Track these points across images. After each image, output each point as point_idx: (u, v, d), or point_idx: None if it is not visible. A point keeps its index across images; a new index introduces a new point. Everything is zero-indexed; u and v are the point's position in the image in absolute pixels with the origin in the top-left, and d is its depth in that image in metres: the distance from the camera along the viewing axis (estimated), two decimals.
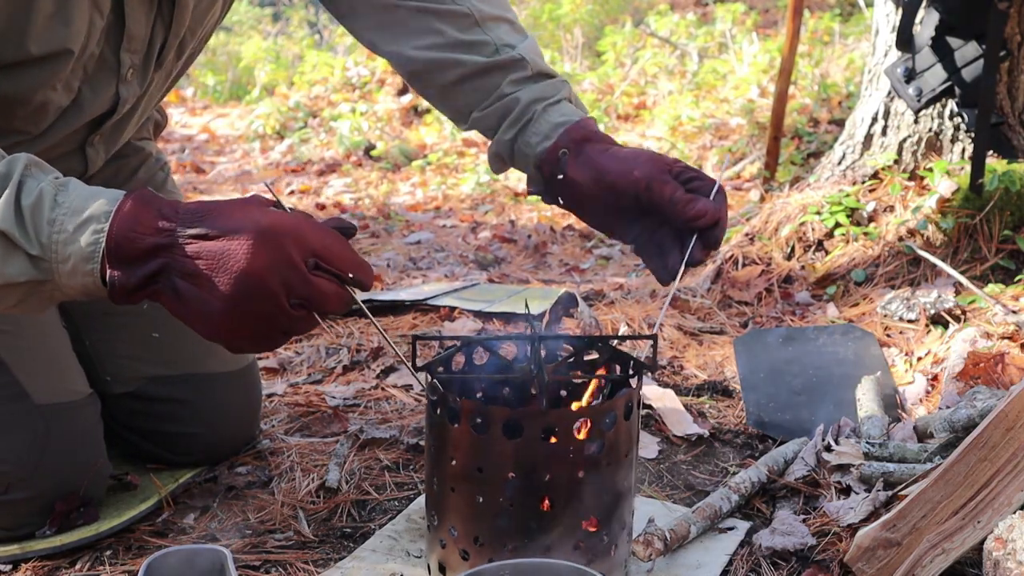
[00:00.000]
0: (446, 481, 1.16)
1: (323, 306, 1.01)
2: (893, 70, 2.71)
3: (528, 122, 1.38)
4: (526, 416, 1.12)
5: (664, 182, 1.27)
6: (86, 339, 1.56)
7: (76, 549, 1.39)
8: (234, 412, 1.64)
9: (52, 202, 0.98)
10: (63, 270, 0.98)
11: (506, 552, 1.14)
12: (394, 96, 6.74)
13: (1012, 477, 1.16)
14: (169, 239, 0.98)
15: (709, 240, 1.28)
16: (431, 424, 1.18)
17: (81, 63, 1.25)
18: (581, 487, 1.14)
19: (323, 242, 1.00)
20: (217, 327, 1.00)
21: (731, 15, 6.72)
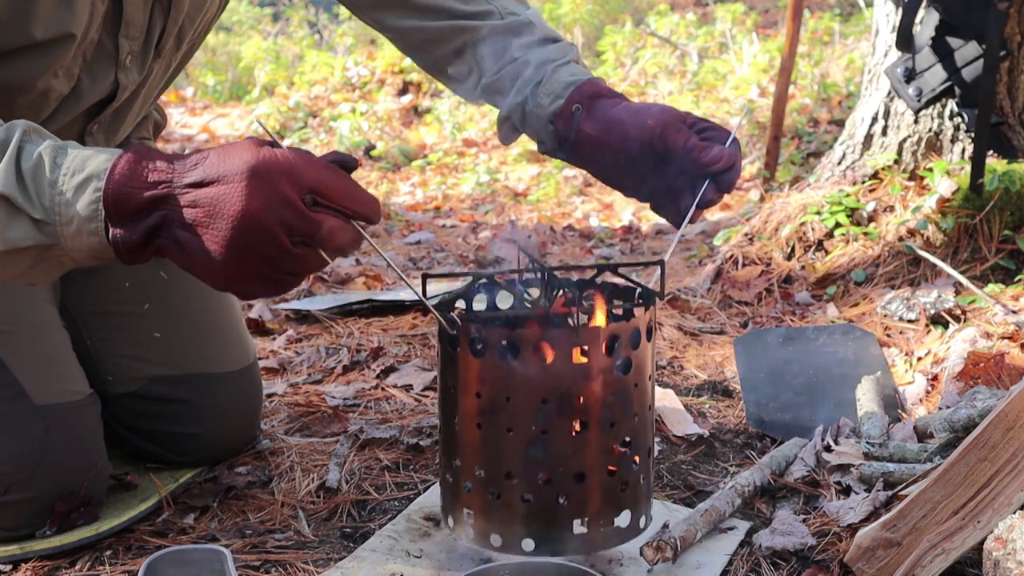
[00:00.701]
0: (472, 419, 1.12)
1: (327, 242, 0.98)
2: (893, 70, 2.71)
3: (539, 84, 1.38)
4: (557, 337, 1.09)
5: (678, 130, 1.27)
6: (87, 339, 1.56)
7: (76, 549, 1.39)
8: (235, 412, 1.64)
9: (52, 164, 0.97)
10: (67, 232, 0.97)
11: (539, 484, 1.11)
12: (394, 96, 6.74)
13: (1012, 477, 1.16)
14: (166, 191, 0.96)
15: (723, 183, 1.28)
16: (449, 363, 1.14)
17: (81, 48, 1.25)
18: (612, 409, 1.12)
19: (319, 177, 0.97)
20: (223, 275, 0.98)
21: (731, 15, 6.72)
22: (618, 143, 1.32)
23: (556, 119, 1.36)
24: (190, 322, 1.61)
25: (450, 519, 1.20)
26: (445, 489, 1.20)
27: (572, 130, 1.35)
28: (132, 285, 1.59)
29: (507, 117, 1.43)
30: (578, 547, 1.15)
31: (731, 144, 1.28)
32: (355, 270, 3.16)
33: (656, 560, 1.29)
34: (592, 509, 1.15)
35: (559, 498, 1.13)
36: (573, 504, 1.14)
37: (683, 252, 3.36)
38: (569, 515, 1.14)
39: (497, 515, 1.14)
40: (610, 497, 1.16)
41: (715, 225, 3.74)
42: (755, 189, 4.20)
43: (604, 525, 1.16)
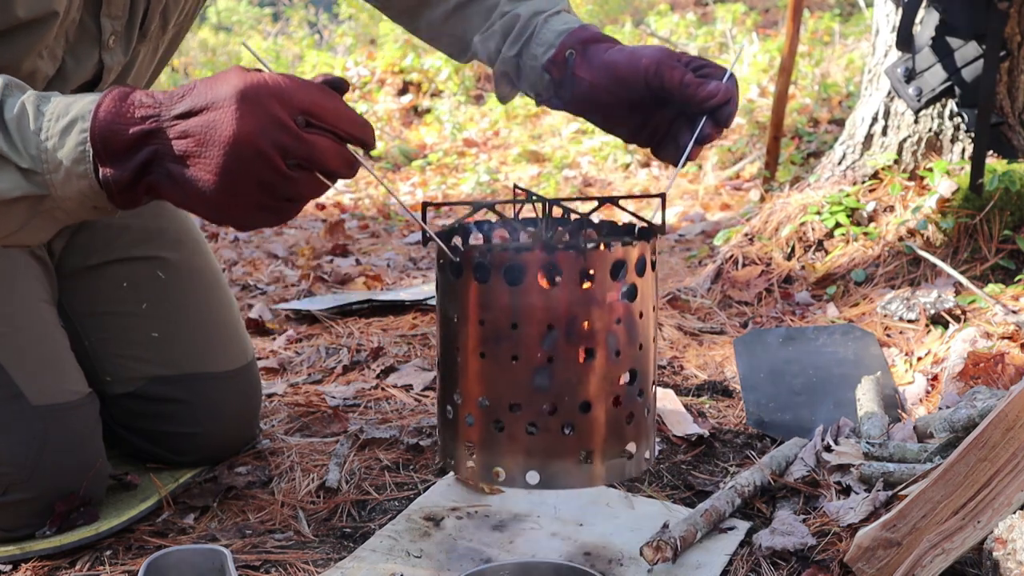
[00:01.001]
0: (475, 349, 1.10)
1: (323, 164, 0.95)
2: (893, 70, 2.71)
3: (531, 35, 1.38)
4: (564, 261, 1.07)
5: (673, 67, 1.26)
6: (85, 339, 1.56)
7: (76, 549, 1.39)
8: (234, 412, 1.64)
9: (36, 112, 0.95)
10: (57, 179, 0.95)
11: (545, 414, 1.09)
12: (394, 96, 6.74)
13: (1012, 477, 1.16)
14: (154, 124, 0.94)
15: (720, 117, 1.26)
16: (451, 292, 1.12)
17: (64, 28, 1.25)
18: (617, 337, 1.10)
19: (311, 98, 0.93)
20: (219, 206, 0.95)
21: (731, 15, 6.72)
22: (613, 85, 1.30)
23: (550, 67, 1.35)
24: (188, 322, 1.61)
25: (450, 458, 1.16)
26: (444, 426, 1.16)
27: (567, 76, 1.34)
28: (130, 285, 1.59)
29: (503, 72, 1.43)
30: (583, 479, 1.12)
31: (728, 80, 1.26)
32: (355, 270, 3.16)
33: (656, 560, 1.29)
34: (598, 440, 1.12)
35: (565, 429, 1.10)
36: (579, 435, 1.11)
37: (683, 252, 3.36)
38: (575, 446, 1.11)
39: (501, 448, 1.11)
40: (616, 428, 1.13)
41: (715, 225, 3.74)
42: (755, 189, 4.20)
43: (611, 457, 1.13)
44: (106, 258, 1.59)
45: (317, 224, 4.27)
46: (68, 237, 1.59)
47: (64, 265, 1.58)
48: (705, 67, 1.27)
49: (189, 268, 1.65)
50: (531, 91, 1.41)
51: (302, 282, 3.03)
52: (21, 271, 1.46)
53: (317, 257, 3.47)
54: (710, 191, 4.51)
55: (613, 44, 1.34)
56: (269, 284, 3.07)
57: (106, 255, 1.59)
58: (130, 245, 1.61)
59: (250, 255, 3.57)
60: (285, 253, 3.58)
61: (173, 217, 1.67)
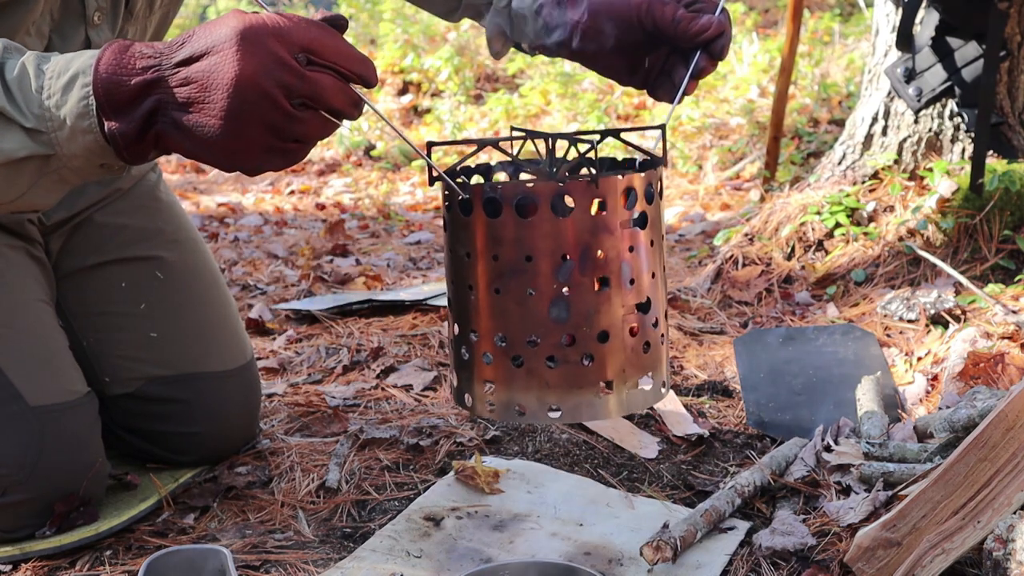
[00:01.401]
0: (490, 285, 1.08)
1: (327, 101, 0.93)
2: (893, 70, 2.71)
3: None
4: (575, 189, 1.05)
5: (664, 3, 1.26)
6: (84, 340, 1.56)
7: (76, 549, 1.39)
8: (233, 411, 1.64)
9: (36, 71, 0.95)
10: (61, 137, 0.95)
11: (563, 346, 1.08)
12: (394, 96, 6.74)
13: (1012, 477, 1.16)
14: (155, 74, 0.93)
15: (714, 50, 1.26)
16: (461, 230, 1.10)
17: (48, 5, 1.25)
18: (631, 265, 1.09)
19: (310, 35, 0.92)
20: (227, 150, 0.94)
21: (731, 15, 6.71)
22: (606, 26, 1.31)
23: (541, 10, 1.36)
24: (186, 322, 1.61)
25: (468, 397, 1.14)
26: (460, 367, 1.14)
27: (558, 18, 1.34)
28: (128, 285, 1.59)
29: (495, 24, 1.43)
30: (605, 410, 1.11)
31: (720, 13, 1.26)
32: (355, 270, 3.16)
33: (656, 560, 1.29)
34: (617, 370, 1.10)
35: (584, 360, 1.09)
36: (598, 365, 1.09)
37: (683, 252, 3.36)
38: (595, 376, 1.10)
39: (521, 382, 1.09)
40: (634, 358, 1.11)
41: (715, 225, 3.74)
42: (755, 189, 4.20)
43: (630, 387, 1.12)
44: (103, 258, 1.59)
45: (317, 224, 4.27)
46: (66, 238, 1.59)
47: (62, 266, 1.58)
48: (697, 2, 1.27)
49: (186, 268, 1.64)
50: (523, 40, 1.41)
51: (302, 282, 3.03)
52: (19, 271, 1.46)
53: (317, 257, 3.47)
54: (710, 191, 4.52)
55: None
56: (269, 284, 3.07)
57: (103, 255, 1.59)
58: (127, 245, 1.61)
59: (250, 255, 3.57)
60: (285, 253, 3.58)
61: (170, 217, 1.67)
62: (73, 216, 1.59)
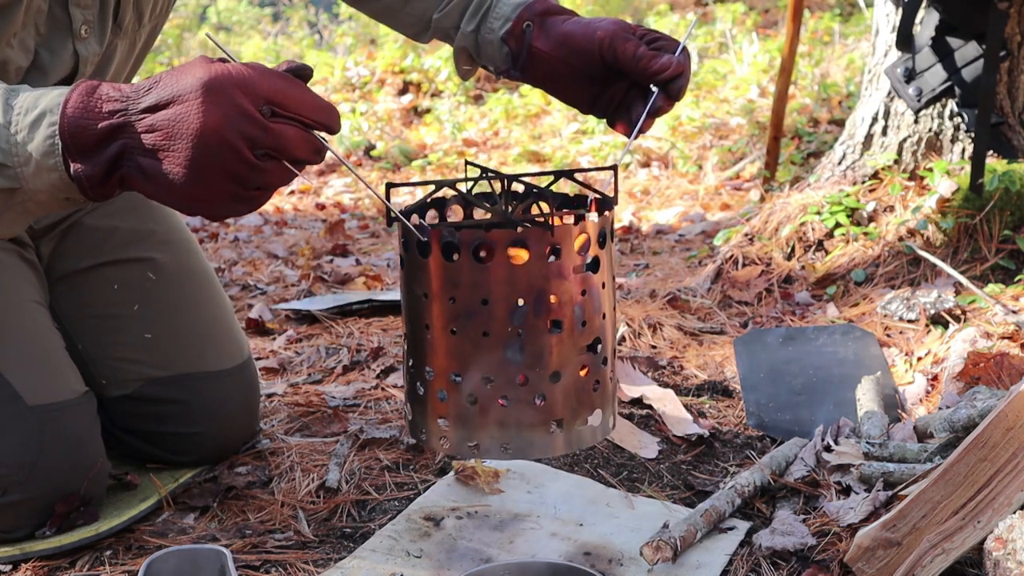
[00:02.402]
0: (446, 326, 1.11)
1: (290, 152, 0.95)
2: (893, 70, 2.71)
3: (488, 9, 1.41)
4: (531, 236, 1.09)
5: (627, 39, 1.29)
6: (79, 343, 1.55)
7: (76, 549, 1.39)
8: (232, 409, 1.64)
9: (5, 106, 0.96)
10: (27, 172, 0.96)
11: (516, 385, 1.11)
12: (394, 96, 6.74)
13: (1012, 477, 1.16)
14: (122, 119, 0.94)
15: (671, 90, 1.29)
16: (418, 271, 1.13)
17: (31, 17, 1.25)
18: (583, 308, 1.12)
19: (275, 87, 0.94)
20: (190, 197, 0.96)
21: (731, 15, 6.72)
22: (570, 57, 1.34)
23: (508, 39, 1.38)
24: (181, 321, 1.61)
25: (422, 433, 1.18)
26: (415, 402, 1.18)
27: (524, 47, 1.37)
28: (121, 287, 1.59)
29: (462, 48, 1.46)
30: (555, 447, 1.15)
31: (680, 53, 1.29)
32: (355, 270, 3.16)
33: (656, 560, 1.29)
34: (568, 408, 1.14)
35: (536, 399, 1.13)
36: (550, 403, 1.13)
37: (683, 252, 3.36)
38: (547, 415, 1.13)
39: (475, 420, 1.13)
40: (584, 396, 1.15)
41: (715, 225, 3.74)
42: (755, 189, 4.20)
43: (579, 424, 1.16)
44: (95, 261, 1.59)
45: (317, 224, 4.27)
46: (56, 241, 1.58)
47: (53, 270, 1.58)
48: (659, 40, 1.30)
49: (179, 268, 1.64)
50: (490, 64, 1.43)
51: (302, 282, 3.03)
52: (12, 273, 1.46)
53: (317, 257, 3.47)
54: (710, 191, 4.52)
55: (570, 16, 1.37)
56: (269, 284, 3.07)
57: (95, 258, 1.59)
58: (119, 247, 1.61)
59: (250, 255, 3.57)
60: (285, 253, 3.58)
61: (161, 218, 1.67)
62: (64, 219, 1.59)
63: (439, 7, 1.46)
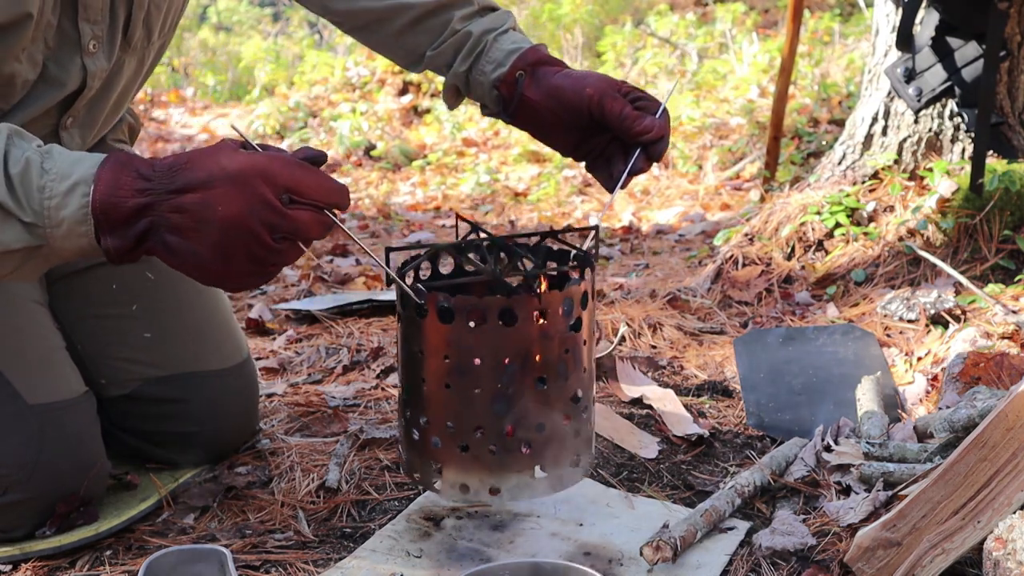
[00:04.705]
0: (440, 380, 1.20)
1: (305, 234, 1.05)
2: (893, 70, 2.71)
3: (481, 52, 1.47)
4: (520, 303, 1.18)
5: (614, 98, 1.37)
6: (78, 343, 1.55)
7: (76, 549, 1.39)
8: (231, 409, 1.64)
9: (40, 169, 1.01)
10: (58, 234, 1.01)
11: (503, 436, 1.20)
12: (394, 96, 6.74)
13: (1012, 477, 1.16)
14: (151, 198, 1.01)
15: (653, 153, 1.38)
16: (416, 330, 1.21)
17: (41, 32, 1.26)
18: (566, 364, 1.22)
19: (293, 176, 1.03)
20: (212, 274, 1.05)
21: (731, 15, 6.72)
22: (558, 108, 1.41)
23: (500, 85, 1.45)
24: (180, 321, 1.61)
25: (416, 474, 1.27)
26: (410, 446, 1.26)
27: (515, 95, 1.43)
28: (119, 287, 1.59)
29: (452, 85, 1.52)
30: (540, 490, 1.25)
31: (661, 115, 1.37)
32: (355, 270, 3.16)
33: (656, 560, 1.29)
34: (551, 455, 1.24)
35: (522, 447, 1.22)
36: (535, 452, 1.23)
37: (683, 252, 3.36)
38: (531, 462, 1.23)
39: (466, 466, 1.22)
40: (566, 443, 1.24)
41: (715, 225, 3.74)
42: (755, 189, 4.20)
43: (560, 469, 1.25)
44: (95, 261, 1.59)
45: None
46: None
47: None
48: (642, 99, 1.39)
49: None
50: (478, 101, 1.50)
51: (302, 282, 3.03)
52: None
53: (317, 257, 3.47)
54: (710, 191, 4.52)
55: (561, 68, 1.44)
56: (269, 284, 3.07)
57: (94, 258, 1.59)
58: None
59: None
60: None
61: None
62: None
63: (432, 45, 1.51)
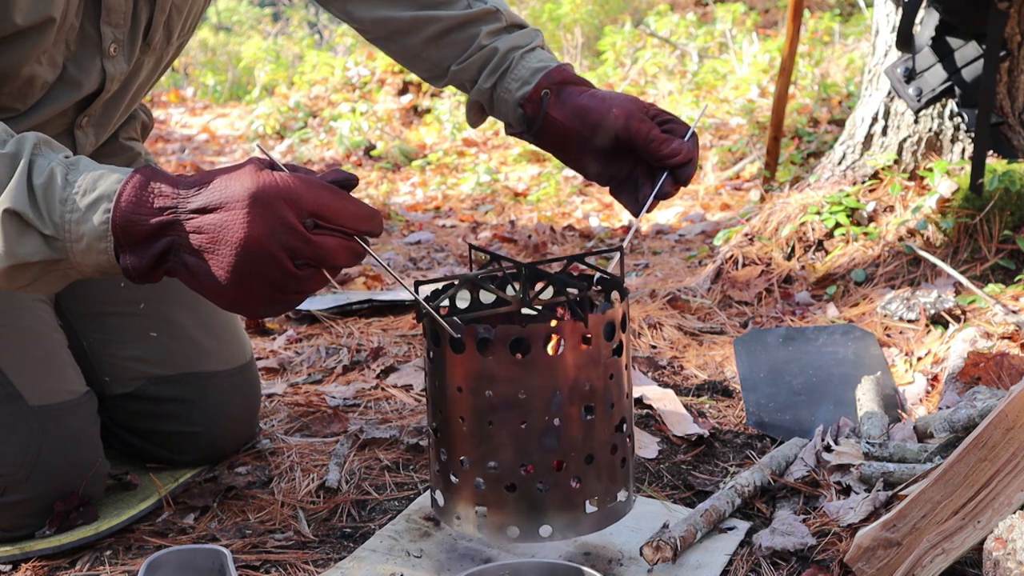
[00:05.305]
0: (481, 418, 1.13)
1: (331, 263, 1.00)
2: (893, 70, 2.71)
3: (507, 69, 1.43)
4: (564, 329, 1.12)
5: (642, 120, 1.33)
6: (83, 340, 1.56)
7: (76, 549, 1.39)
8: (233, 411, 1.64)
9: (64, 181, 0.99)
10: (77, 249, 0.99)
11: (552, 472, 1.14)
12: (394, 96, 6.74)
13: (1012, 477, 1.16)
14: (172, 216, 0.98)
15: (680, 177, 1.34)
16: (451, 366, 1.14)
17: (63, 35, 1.26)
18: (611, 391, 1.16)
19: (319, 200, 0.98)
20: (230, 298, 1.01)
21: (731, 15, 6.72)
22: (583, 129, 1.37)
23: (525, 103, 1.42)
24: (185, 321, 1.61)
25: (457, 519, 1.20)
26: (448, 490, 1.20)
27: (540, 114, 1.40)
28: (127, 286, 1.59)
29: (476, 102, 1.49)
30: (591, 526, 1.18)
31: (689, 138, 1.34)
32: (355, 270, 3.16)
33: (656, 560, 1.29)
34: (601, 488, 1.18)
35: (572, 481, 1.16)
36: (585, 485, 1.17)
37: (683, 252, 3.36)
38: (582, 496, 1.17)
39: (513, 506, 1.15)
40: (613, 474, 1.20)
41: (715, 225, 3.74)
42: (755, 189, 4.20)
43: (610, 502, 1.20)
44: None
45: None
46: None
47: None
48: (670, 122, 1.35)
49: None
50: (502, 119, 1.47)
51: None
52: None
53: None
54: (710, 191, 4.51)
55: (587, 88, 1.40)
56: None
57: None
58: None
59: None
60: None
61: None
62: None
63: (458, 59, 1.47)
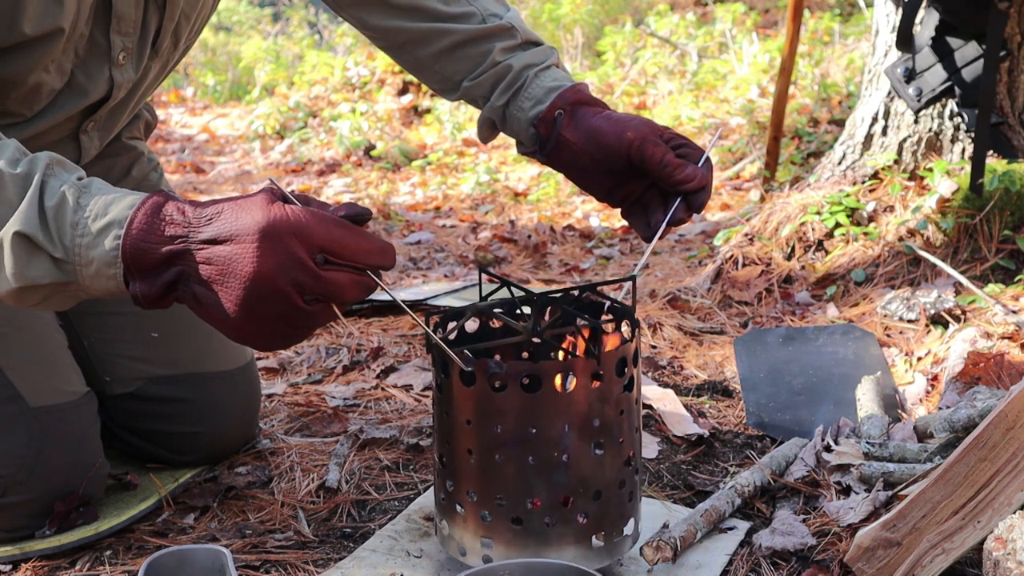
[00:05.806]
0: (490, 451, 1.13)
1: (340, 299, 0.99)
2: (893, 70, 2.71)
3: (521, 87, 1.41)
4: (576, 366, 1.11)
5: (656, 144, 1.31)
6: (84, 340, 1.56)
7: (76, 549, 1.39)
8: (233, 411, 1.64)
9: (75, 205, 0.98)
10: (87, 272, 0.98)
11: (560, 507, 1.14)
12: (394, 96, 6.74)
13: (1012, 477, 1.16)
14: (182, 245, 0.97)
15: (694, 203, 1.32)
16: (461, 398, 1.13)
17: (72, 43, 1.25)
18: (621, 426, 1.15)
19: (330, 236, 0.97)
20: (238, 330, 1.00)
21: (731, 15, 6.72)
22: (596, 151, 1.35)
23: (538, 123, 1.39)
24: (187, 322, 1.60)
25: (461, 551, 1.20)
26: (454, 522, 1.19)
27: (553, 135, 1.38)
28: None
29: (488, 118, 1.47)
30: (597, 559, 1.19)
31: (703, 164, 1.31)
32: None
33: (656, 560, 1.29)
34: (608, 522, 1.18)
35: (579, 517, 1.16)
36: (592, 521, 1.17)
37: (683, 252, 3.35)
38: (589, 531, 1.17)
39: (520, 540, 1.15)
40: (621, 509, 1.20)
41: (715, 225, 3.74)
42: (755, 189, 4.20)
43: (616, 535, 1.20)
44: None
45: None
46: None
47: None
48: (684, 147, 1.33)
49: None
50: (514, 137, 1.45)
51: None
52: None
53: None
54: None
55: (601, 108, 1.38)
56: None
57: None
58: None
59: None
60: None
61: None
62: None
63: (471, 75, 1.45)
